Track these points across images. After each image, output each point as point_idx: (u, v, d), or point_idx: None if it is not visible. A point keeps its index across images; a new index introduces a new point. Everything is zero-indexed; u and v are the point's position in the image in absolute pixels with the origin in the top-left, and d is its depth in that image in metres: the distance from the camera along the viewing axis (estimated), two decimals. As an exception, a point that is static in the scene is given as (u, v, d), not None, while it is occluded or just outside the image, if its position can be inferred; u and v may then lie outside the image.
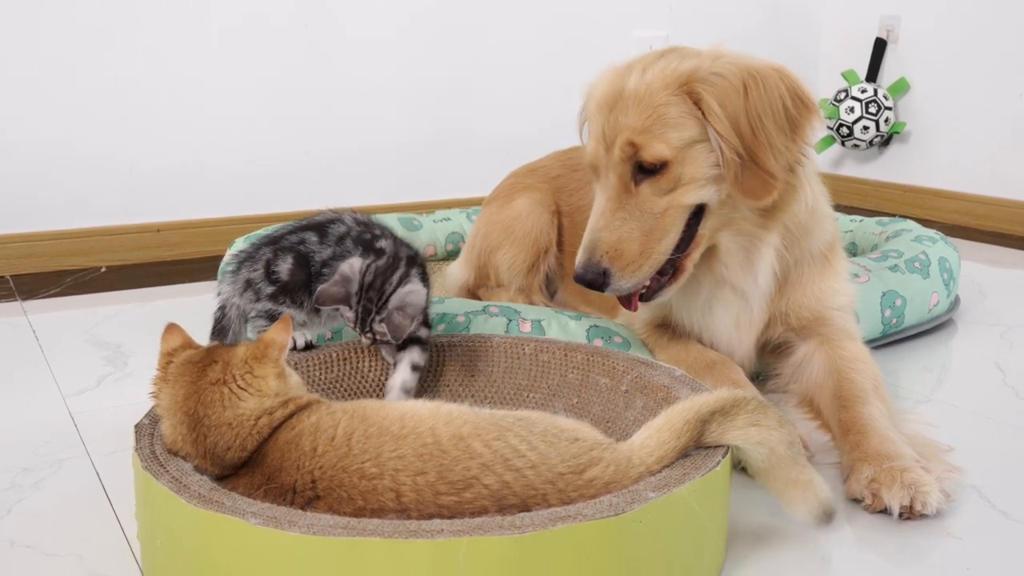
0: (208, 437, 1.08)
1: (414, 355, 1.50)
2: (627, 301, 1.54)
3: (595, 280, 1.47)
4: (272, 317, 1.53)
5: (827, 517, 1.18)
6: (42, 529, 1.27)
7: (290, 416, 1.11)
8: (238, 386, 1.10)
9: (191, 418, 1.09)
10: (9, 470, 1.44)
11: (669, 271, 1.52)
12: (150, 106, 2.80)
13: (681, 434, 1.09)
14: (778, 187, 1.45)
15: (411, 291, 1.45)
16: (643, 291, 1.53)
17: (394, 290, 1.45)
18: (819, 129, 1.51)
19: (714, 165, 1.45)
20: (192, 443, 1.09)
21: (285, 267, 1.53)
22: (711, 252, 1.56)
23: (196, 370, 1.12)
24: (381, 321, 1.43)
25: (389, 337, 1.43)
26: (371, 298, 1.44)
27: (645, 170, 1.47)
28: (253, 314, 1.53)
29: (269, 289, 1.53)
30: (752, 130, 1.42)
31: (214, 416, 1.08)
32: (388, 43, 3.09)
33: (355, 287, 1.44)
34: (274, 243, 1.56)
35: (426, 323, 1.52)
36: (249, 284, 1.53)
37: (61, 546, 1.22)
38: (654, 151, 1.44)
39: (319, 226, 1.57)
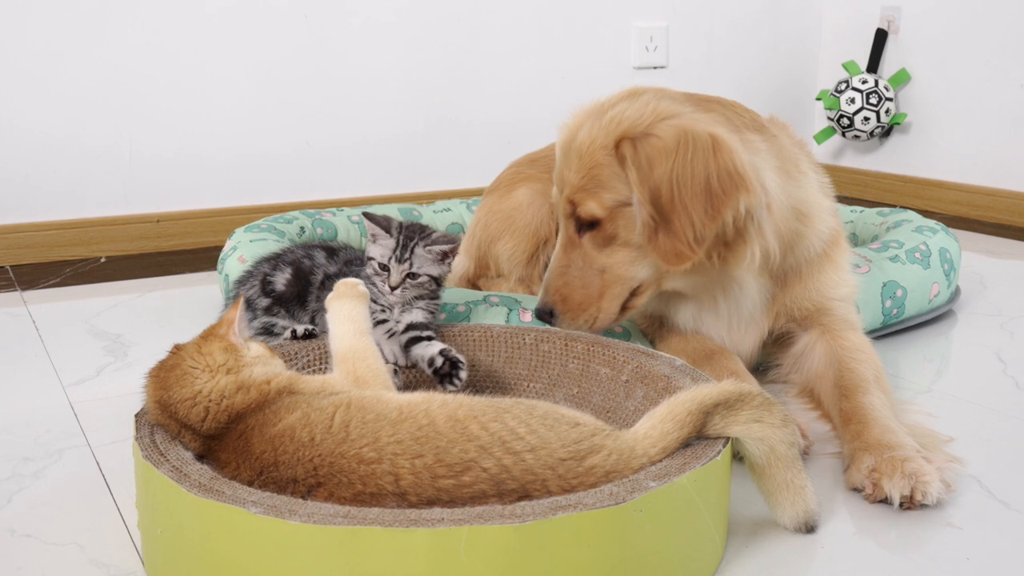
0: (179, 413, 1.12)
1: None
2: None
3: (544, 319, 1.55)
4: (269, 331, 1.54)
5: (808, 528, 1.19)
6: (43, 518, 1.27)
7: (256, 404, 1.12)
8: (189, 366, 1.15)
9: (160, 405, 1.14)
10: (9, 459, 1.44)
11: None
12: (149, 96, 2.79)
13: (684, 425, 1.09)
14: (693, 259, 1.42)
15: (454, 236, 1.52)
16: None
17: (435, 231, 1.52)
18: (753, 207, 1.41)
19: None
20: (170, 419, 1.13)
21: (282, 278, 1.54)
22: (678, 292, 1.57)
23: (159, 365, 1.18)
24: (427, 247, 1.46)
25: (429, 262, 1.46)
26: (414, 230, 1.49)
27: (586, 223, 1.50)
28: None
29: (264, 302, 1.53)
30: (671, 197, 1.40)
31: (175, 396, 1.12)
32: (389, 34, 3.08)
33: (396, 222, 1.49)
34: (274, 259, 1.60)
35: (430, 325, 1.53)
36: (248, 303, 1.54)
37: (62, 535, 1.22)
38: (587, 209, 1.48)
39: (331, 248, 1.61)
